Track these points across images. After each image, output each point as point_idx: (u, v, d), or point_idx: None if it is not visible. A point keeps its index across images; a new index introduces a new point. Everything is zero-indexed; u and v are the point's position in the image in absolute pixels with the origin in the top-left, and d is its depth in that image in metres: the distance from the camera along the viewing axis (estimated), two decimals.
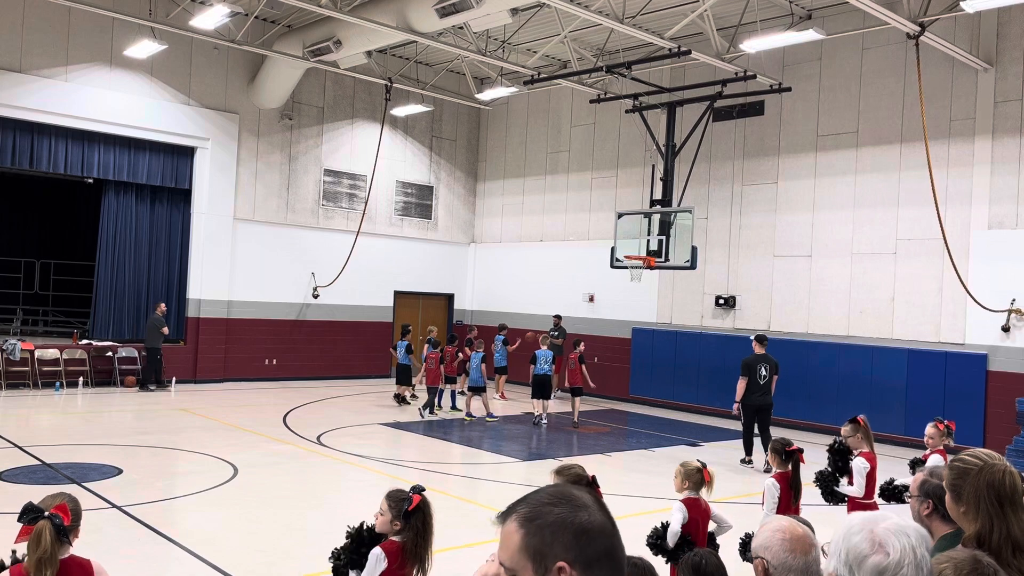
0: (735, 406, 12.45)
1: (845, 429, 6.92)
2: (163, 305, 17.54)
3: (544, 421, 15.09)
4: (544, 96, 21.33)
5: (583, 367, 15.28)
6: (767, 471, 7.22)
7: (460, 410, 16.13)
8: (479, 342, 16.25)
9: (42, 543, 3.22)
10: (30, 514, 3.31)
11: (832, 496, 6.70)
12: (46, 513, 3.33)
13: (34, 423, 13.57)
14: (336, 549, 4.35)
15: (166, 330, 17.19)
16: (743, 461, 12.21)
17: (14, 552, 3.50)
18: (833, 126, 16.03)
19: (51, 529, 3.26)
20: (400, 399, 16.70)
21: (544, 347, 15.45)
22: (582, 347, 15.58)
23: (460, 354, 16.52)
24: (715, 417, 16.29)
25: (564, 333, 18.77)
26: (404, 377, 16.75)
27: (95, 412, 14.71)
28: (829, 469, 6.74)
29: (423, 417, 15.31)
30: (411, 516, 4.07)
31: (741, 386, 12.13)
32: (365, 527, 4.25)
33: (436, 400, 15.97)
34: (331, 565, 4.32)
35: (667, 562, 5.21)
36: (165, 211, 18.63)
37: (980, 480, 2.63)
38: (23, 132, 16.45)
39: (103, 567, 3.51)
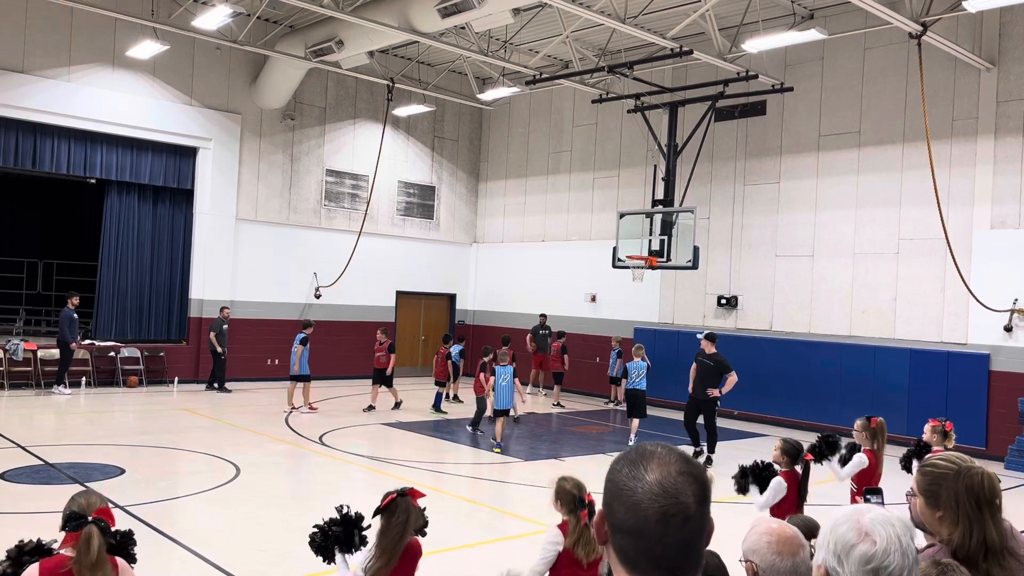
0: (719, 398, 12.91)
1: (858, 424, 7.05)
2: (227, 309, 17.73)
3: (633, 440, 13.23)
4: (546, 96, 21.33)
5: (564, 356, 18.41)
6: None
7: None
8: (502, 354, 13.25)
9: (91, 549, 3.21)
10: (75, 521, 3.28)
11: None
12: (90, 519, 3.30)
13: (37, 423, 13.59)
14: (323, 526, 4.23)
15: (225, 328, 17.55)
16: (705, 453, 12.59)
17: (43, 544, 3.42)
18: (835, 126, 16.01)
19: (99, 534, 3.26)
20: (455, 398, 17.59)
21: (638, 359, 13.47)
22: (563, 339, 18.74)
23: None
24: (717, 418, 16.25)
25: (550, 330, 19.69)
26: (455, 376, 17.58)
27: (98, 412, 14.73)
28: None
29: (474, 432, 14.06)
30: (378, 512, 4.13)
31: (734, 379, 12.52)
32: (356, 513, 4.25)
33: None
34: (314, 538, 4.19)
35: None
36: (167, 211, 18.65)
37: (959, 484, 2.56)
38: (26, 132, 16.47)
39: (126, 565, 3.48)
